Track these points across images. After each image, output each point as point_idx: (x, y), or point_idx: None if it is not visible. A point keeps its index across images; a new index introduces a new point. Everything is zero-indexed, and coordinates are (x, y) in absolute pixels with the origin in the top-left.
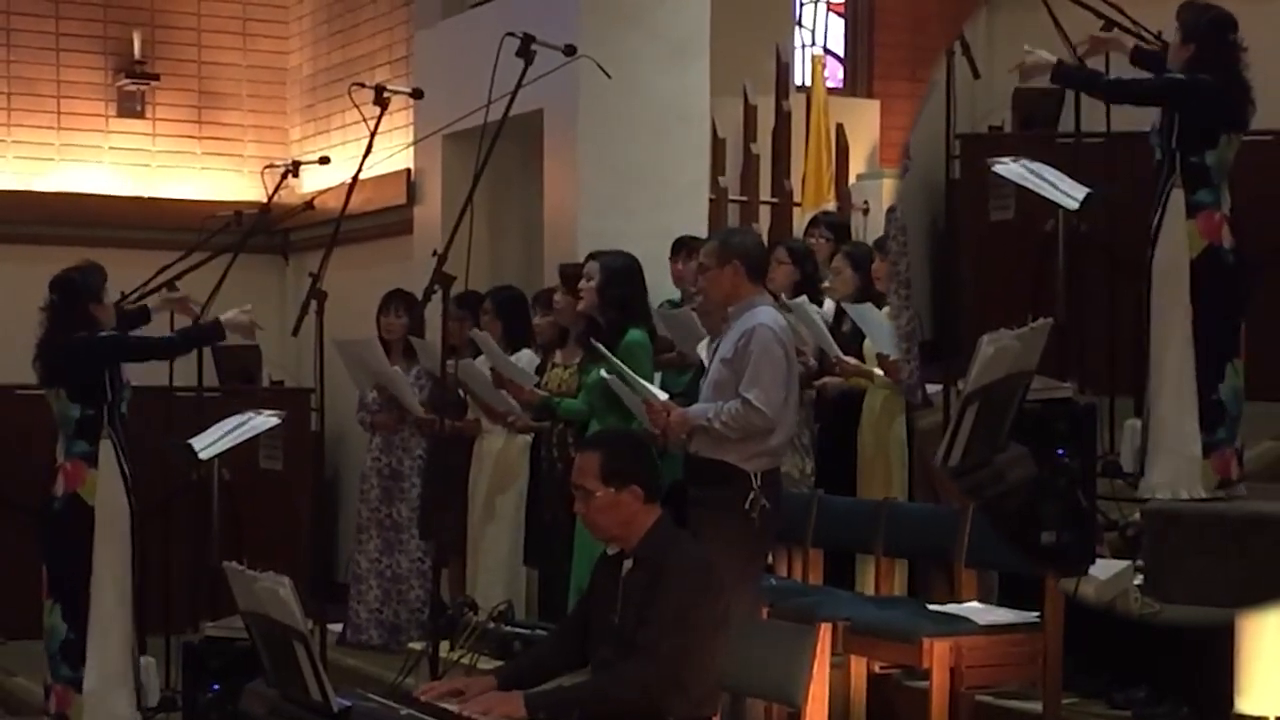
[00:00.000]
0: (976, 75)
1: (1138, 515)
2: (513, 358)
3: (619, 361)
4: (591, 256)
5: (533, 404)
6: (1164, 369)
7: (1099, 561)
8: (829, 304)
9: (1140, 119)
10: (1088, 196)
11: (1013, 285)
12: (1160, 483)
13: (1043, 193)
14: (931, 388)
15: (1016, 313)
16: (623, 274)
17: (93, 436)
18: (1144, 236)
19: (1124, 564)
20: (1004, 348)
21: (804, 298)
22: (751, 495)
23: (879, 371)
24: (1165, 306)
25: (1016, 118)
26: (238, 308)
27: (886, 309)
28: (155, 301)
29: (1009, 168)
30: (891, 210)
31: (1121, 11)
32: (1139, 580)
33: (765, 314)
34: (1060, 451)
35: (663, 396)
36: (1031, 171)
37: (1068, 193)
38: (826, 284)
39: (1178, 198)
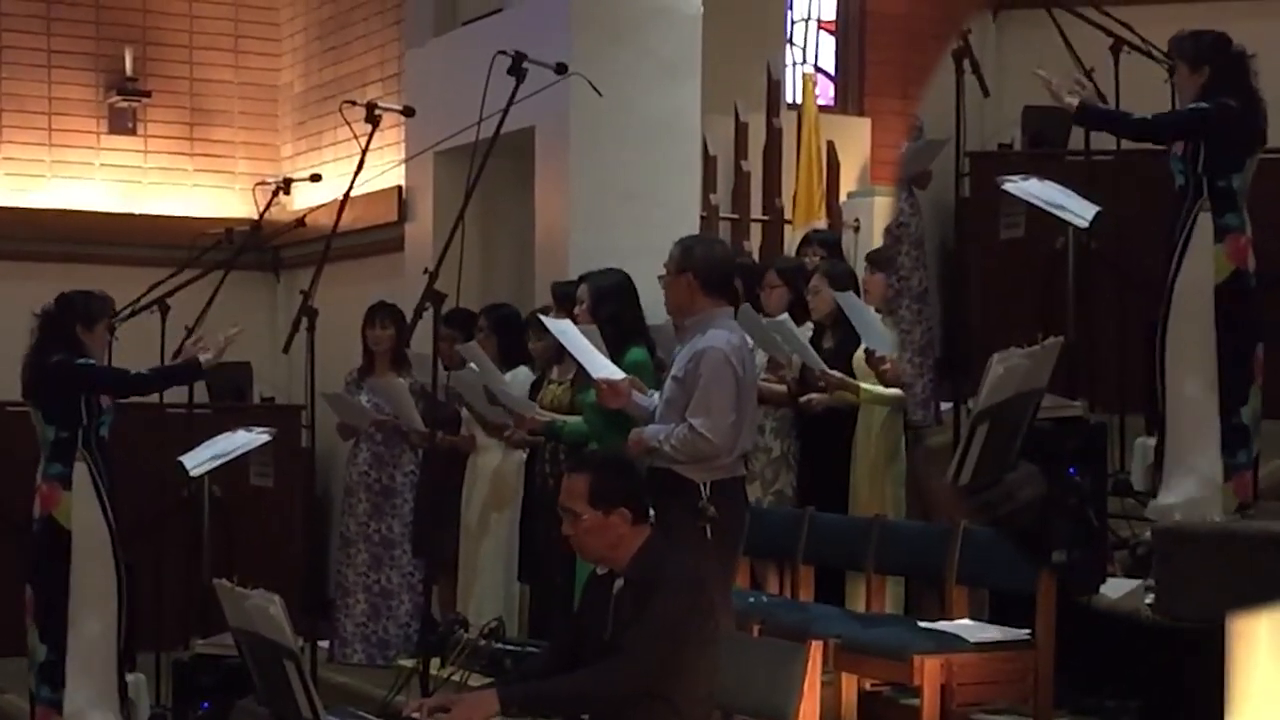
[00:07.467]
0: (986, 93)
1: (1148, 534)
2: (508, 375)
3: (573, 339)
4: (582, 279)
5: (537, 430)
6: (1184, 392)
7: (1110, 580)
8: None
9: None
10: (1098, 214)
11: (1023, 303)
12: (1178, 505)
13: (1053, 211)
14: (944, 405)
15: (1027, 331)
16: (611, 291)
17: (67, 459)
18: (1155, 254)
19: (1135, 583)
20: (1014, 366)
21: (785, 315)
22: (700, 504)
23: (866, 385)
24: (1187, 330)
25: (1026, 135)
26: (219, 335)
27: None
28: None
29: (1019, 186)
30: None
31: (1130, 29)
32: (1150, 599)
33: (717, 336)
34: (1071, 470)
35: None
36: (1042, 190)
37: (1078, 211)
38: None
39: (1205, 222)
